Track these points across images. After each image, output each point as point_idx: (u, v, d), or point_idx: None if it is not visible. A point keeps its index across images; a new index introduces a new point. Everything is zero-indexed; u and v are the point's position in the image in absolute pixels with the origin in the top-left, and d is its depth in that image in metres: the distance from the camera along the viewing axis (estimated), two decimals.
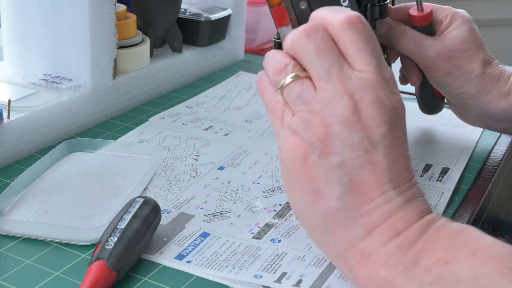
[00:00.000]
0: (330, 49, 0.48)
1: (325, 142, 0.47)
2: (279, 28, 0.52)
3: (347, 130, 0.46)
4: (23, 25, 0.79)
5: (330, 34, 0.48)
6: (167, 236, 0.57)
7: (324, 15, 0.49)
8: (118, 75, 0.82)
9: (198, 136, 0.77)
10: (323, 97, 0.47)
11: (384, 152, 0.47)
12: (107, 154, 0.70)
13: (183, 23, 0.93)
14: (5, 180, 0.66)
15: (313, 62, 0.48)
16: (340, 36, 0.48)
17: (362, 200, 0.47)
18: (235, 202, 0.64)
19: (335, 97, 0.47)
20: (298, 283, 0.52)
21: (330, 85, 0.47)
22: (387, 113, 0.47)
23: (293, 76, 0.48)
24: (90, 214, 0.60)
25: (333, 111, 0.47)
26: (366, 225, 0.47)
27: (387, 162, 0.47)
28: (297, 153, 0.48)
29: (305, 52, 0.48)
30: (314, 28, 0.48)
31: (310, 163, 0.47)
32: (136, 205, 0.55)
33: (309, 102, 0.48)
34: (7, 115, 0.69)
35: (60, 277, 0.52)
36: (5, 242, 0.56)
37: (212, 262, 0.54)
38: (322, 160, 0.47)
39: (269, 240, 0.58)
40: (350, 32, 0.48)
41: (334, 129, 0.47)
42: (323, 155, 0.47)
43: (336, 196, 0.47)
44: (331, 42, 0.48)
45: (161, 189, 0.65)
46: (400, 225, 0.46)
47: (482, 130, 0.81)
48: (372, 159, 0.47)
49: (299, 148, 0.48)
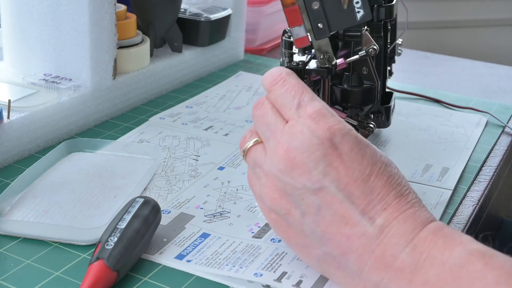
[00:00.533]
0: (267, 114, 0.51)
1: (281, 203, 0.49)
2: (292, 28, 0.52)
3: (290, 183, 0.48)
4: (23, 25, 0.79)
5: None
6: (167, 237, 0.57)
7: (263, 82, 0.52)
8: (118, 75, 0.82)
9: (198, 136, 0.77)
10: (268, 157, 0.50)
11: (334, 186, 0.47)
12: (107, 154, 0.70)
13: (183, 23, 0.93)
14: (5, 180, 0.66)
15: (259, 128, 0.52)
16: (270, 98, 0.51)
17: (340, 239, 0.47)
18: (235, 202, 0.64)
19: (274, 154, 0.49)
20: (298, 283, 0.52)
21: (269, 144, 0.50)
22: (317, 149, 0.47)
23: (253, 142, 0.52)
24: (90, 214, 0.60)
25: (274, 169, 0.49)
26: (357, 262, 0.46)
27: (341, 194, 0.47)
28: (271, 220, 0.51)
29: (255, 122, 0.52)
30: (258, 102, 0.52)
31: (284, 225, 0.50)
32: (136, 205, 0.55)
33: (261, 165, 0.51)
34: (7, 115, 0.69)
35: (60, 277, 0.52)
36: (5, 242, 0.56)
37: (212, 261, 0.54)
38: (289, 219, 0.49)
39: (269, 239, 0.58)
40: (273, 92, 0.51)
41: (281, 186, 0.49)
42: (287, 215, 0.49)
43: (316, 245, 0.48)
44: (271, 108, 0.51)
45: (161, 189, 0.65)
46: (387, 258, 0.45)
47: (482, 130, 0.82)
48: (326, 198, 0.47)
49: (271, 216, 0.51)
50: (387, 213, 0.46)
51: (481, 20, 1.62)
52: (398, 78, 0.93)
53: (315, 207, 0.47)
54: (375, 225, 0.45)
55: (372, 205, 0.46)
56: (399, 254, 0.44)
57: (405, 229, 0.45)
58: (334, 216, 0.47)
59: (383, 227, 0.45)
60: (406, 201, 0.47)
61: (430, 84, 0.99)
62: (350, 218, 0.46)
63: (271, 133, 0.50)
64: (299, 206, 0.48)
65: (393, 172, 0.48)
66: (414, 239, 0.44)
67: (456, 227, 0.62)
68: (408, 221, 0.45)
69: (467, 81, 1.01)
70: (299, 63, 0.53)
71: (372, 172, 0.47)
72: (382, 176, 0.47)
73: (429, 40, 1.62)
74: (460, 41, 1.64)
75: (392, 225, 0.45)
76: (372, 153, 0.48)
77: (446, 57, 1.12)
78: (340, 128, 0.48)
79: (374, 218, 0.46)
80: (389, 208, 0.46)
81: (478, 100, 0.91)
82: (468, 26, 1.63)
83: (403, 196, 0.47)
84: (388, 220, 0.45)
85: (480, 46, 1.64)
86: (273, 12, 1.08)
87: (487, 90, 0.98)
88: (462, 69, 1.06)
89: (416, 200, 0.48)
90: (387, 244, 0.45)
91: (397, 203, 0.46)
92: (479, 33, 1.64)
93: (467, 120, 0.84)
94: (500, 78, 1.02)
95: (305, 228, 0.48)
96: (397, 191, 0.47)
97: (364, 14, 0.50)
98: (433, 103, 0.90)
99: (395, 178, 0.47)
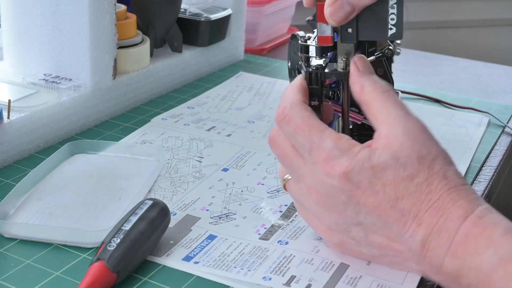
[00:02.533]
0: (287, 155, 0.53)
1: (333, 235, 0.53)
2: (319, 23, 0.51)
3: (333, 221, 0.52)
4: (23, 25, 0.78)
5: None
6: (174, 239, 0.57)
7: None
8: (118, 75, 0.81)
9: (201, 137, 0.76)
10: (304, 197, 0.53)
11: (369, 218, 0.49)
12: (110, 155, 0.70)
13: (183, 23, 0.92)
14: (5, 180, 0.65)
15: (284, 166, 0.54)
16: (284, 133, 0.53)
17: (396, 253, 0.51)
18: (240, 203, 0.63)
19: (308, 196, 0.52)
20: (307, 287, 0.51)
21: (300, 185, 0.53)
22: (341, 194, 0.49)
23: (285, 179, 0.56)
24: (95, 216, 0.59)
25: (314, 209, 0.53)
26: (417, 266, 0.50)
27: (379, 222, 0.49)
28: (333, 246, 0.55)
29: (279, 160, 0.55)
30: (271, 138, 0.54)
31: (345, 249, 0.54)
32: (144, 207, 0.54)
33: (302, 202, 0.54)
34: (7, 115, 0.68)
35: (60, 277, 0.52)
36: (5, 242, 0.55)
37: (220, 263, 0.54)
38: (345, 246, 0.53)
39: (276, 241, 0.57)
40: (283, 129, 0.53)
41: (326, 224, 0.53)
42: (342, 243, 0.53)
43: (380, 258, 0.52)
44: (287, 147, 0.53)
45: (166, 191, 0.64)
46: (435, 267, 0.48)
47: (485, 129, 0.81)
48: (368, 227, 0.50)
49: (331, 243, 0.55)
50: (422, 229, 0.47)
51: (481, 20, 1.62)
52: (398, 78, 0.92)
53: (363, 235, 0.51)
54: (416, 242, 0.48)
55: (408, 225, 0.48)
56: (442, 263, 0.47)
57: (442, 241, 0.47)
58: (381, 238, 0.50)
59: (423, 242, 0.47)
60: (437, 208, 0.47)
61: (430, 84, 0.98)
62: (395, 238, 0.49)
63: (298, 176, 0.52)
64: (349, 236, 0.52)
65: (420, 182, 0.48)
66: (450, 247, 0.47)
67: None
68: (442, 233, 0.47)
69: (467, 81, 1.01)
70: (318, 67, 0.53)
71: (397, 195, 0.48)
72: (409, 195, 0.48)
73: (429, 40, 1.62)
74: (460, 41, 1.64)
75: (430, 239, 0.47)
76: (393, 174, 0.48)
77: (446, 57, 1.12)
78: (353, 167, 0.48)
79: (414, 236, 0.48)
80: (423, 224, 0.47)
81: (478, 100, 0.91)
82: (468, 26, 1.63)
83: (433, 205, 0.48)
84: (425, 235, 0.47)
85: (480, 46, 1.64)
86: (273, 12, 1.07)
87: (487, 90, 0.98)
88: (462, 69, 1.06)
89: (446, 201, 0.47)
90: (431, 257, 0.48)
91: (429, 216, 0.47)
92: (479, 33, 1.64)
93: (468, 120, 0.84)
94: (500, 78, 1.02)
95: (364, 251, 0.52)
96: (427, 202, 0.48)
97: (396, 33, 0.50)
98: (433, 103, 0.90)
99: (423, 189, 0.48)
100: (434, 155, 0.49)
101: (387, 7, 0.49)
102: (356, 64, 0.52)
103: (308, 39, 0.55)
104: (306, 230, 0.59)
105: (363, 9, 0.50)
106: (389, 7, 0.49)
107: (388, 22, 0.49)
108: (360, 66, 0.52)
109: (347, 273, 0.53)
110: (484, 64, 1.08)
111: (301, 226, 0.60)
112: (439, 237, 0.47)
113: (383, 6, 0.49)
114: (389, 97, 0.51)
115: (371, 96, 0.51)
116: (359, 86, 0.51)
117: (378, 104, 0.50)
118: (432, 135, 0.50)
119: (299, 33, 0.56)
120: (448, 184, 0.48)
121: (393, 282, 0.53)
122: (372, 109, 0.51)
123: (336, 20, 0.50)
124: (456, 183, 0.48)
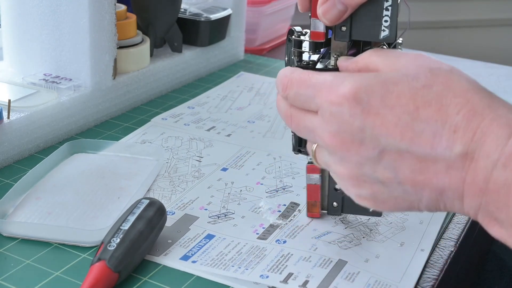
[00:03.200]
0: (301, 121, 0.49)
1: (362, 186, 0.47)
2: (313, 18, 0.51)
3: (355, 165, 0.46)
4: (23, 25, 0.78)
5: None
6: (172, 238, 0.57)
7: (277, 89, 0.51)
8: (118, 75, 0.81)
9: (200, 137, 0.76)
10: (327, 154, 0.48)
11: (390, 141, 0.43)
12: (110, 155, 0.70)
13: (183, 23, 0.93)
14: (5, 180, 0.65)
15: (306, 137, 0.51)
16: (291, 103, 0.50)
17: (430, 183, 0.43)
18: (239, 203, 0.63)
19: (328, 148, 0.47)
20: (304, 284, 0.52)
21: (319, 143, 0.48)
22: (353, 120, 0.44)
23: (313, 148, 0.50)
24: (94, 215, 0.59)
25: (336, 160, 0.47)
26: (455, 195, 0.43)
27: (403, 144, 0.43)
28: (365, 203, 0.48)
29: (300, 135, 0.51)
30: (286, 115, 0.50)
31: (378, 201, 0.47)
32: (141, 207, 0.55)
33: (329, 165, 0.49)
34: (7, 115, 0.68)
35: (60, 277, 0.52)
36: (5, 242, 0.56)
37: (218, 262, 0.54)
38: (377, 195, 0.47)
39: (274, 240, 0.57)
40: (289, 96, 0.49)
41: (352, 173, 0.47)
42: (374, 194, 0.47)
43: (416, 200, 0.45)
44: (299, 114, 0.49)
45: (165, 190, 0.64)
46: (479, 183, 0.41)
47: None
48: (393, 157, 0.44)
49: (362, 201, 0.48)
50: (460, 135, 0.41)
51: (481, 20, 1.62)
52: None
53: (390, 170, 0.44)
54: (456, 154, 0.41)
55: (439, 135, 0.41)
56: (490, 176, 0.40)
57: (488, 149, 0.40)
58: (411, 167, 0.43)
59: (464, 151, 0.41)
60: (473, 111, 0.41)
61: None
62: (426, 159, 0.42)
63: (314, 134, 0.48)
64: (377, 180, 0.45)
65: (439, 89, 0.42)
66: (501, 158, 0.40)
67: (456, 227, 0.62)
68: (488, 139, 0.40)
69: None
70: (309, 63, 0.53)
71: (417, 105, 0.42)
72: (430, 101, 0.42)
73: (429, 40, 1.62)
74: (460, 41, 1.64)
75: (473, 147, 0.41)
76: (407, 86, 0.43)
77: (446, 57, 1.12)
78: (359, 85, 0.44)
79: (451, 146, 0.41)
80: (458, 129, 0.41)
81: None
82: (468, 26, 1.63)
83: (464, 107, 0.41)
84: (467, 142, 0.41)
85: (480, 46, 1.64)
86: (273, 12, 1.07)
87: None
88: (462, 69, 1.05)
89: (480, 105, 0.41)
90: (476, 169, 0.41)
91: (464, 120, 0.41)
92: (479, 33, 1.64)
93: None
94: (500, 78, 1.02)
95: (396, 193, 0.45)
96: (455, 105, 0.41)
97: (389, 35, 0.49)
98: None
99: (445, 94, 0.42)
100: (449, 68, 0.44)
101: (382, 8, 0.49)
102: (341, 56, 0.51)
103: (303, 34, 0.55)
104: (304, 228, 0.59)
105: (359, 9, 0.50)
106: (384, 9, 0.49)
107: (382, 24, 0.49)
108: (345, 56, 0.51)
109: (345, 269, 0.54)
110: (484, 64, 1.08)
111: (299, 225, 0.60)
112: (484, 145, 0.40)
113: (378, 7, 0.49)
114: (381, 50, 0.48)
115: (365, 59, 0.48)
116: (351, 62, 0.49)
117: (375, 59, 0.47)
118: None
119: (296, 28, 0.56)
120: (473, 89, 0.42)
121: (391, 279, 0.53)
122: (371, 67, 0.47)
123: (329, 19, 0.49)
124: (484, 89, 0.42)
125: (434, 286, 0.54)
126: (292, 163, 0.71)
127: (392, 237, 0.59)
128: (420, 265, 0.55)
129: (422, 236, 0.59)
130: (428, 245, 0.58)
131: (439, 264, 0.56)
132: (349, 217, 0.61)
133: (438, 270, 0.55)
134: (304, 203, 0.63)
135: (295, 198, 0.64)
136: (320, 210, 0.60)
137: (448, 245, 0.59)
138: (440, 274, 0.55)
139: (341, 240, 0.58)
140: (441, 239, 0.60)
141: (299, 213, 0.62)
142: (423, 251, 0.57)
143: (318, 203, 0.60)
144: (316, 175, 0.58)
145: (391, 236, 0.59)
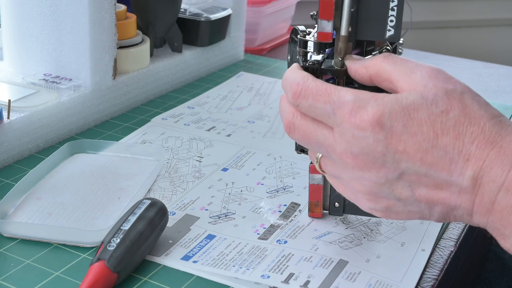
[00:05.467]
0: (310, 134, 0.50)
1: (377, 201, 0.49)
2: (320, 19, 0.51)
3: (374, 183, 0.48)
4: (23, 25, 0.78)
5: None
6: (173, 238, 0.57)
7: (285, 90, 0.51)
8: (118, 75, 0.81)
9: (200, 137, 0.76)
10: (341, 167, 0.50)
11: (411, 166, 0.46)
12: (110, 155, 0.70)
13: (183, 23, 0.93)
14: (5, 180, 0.65)
15: (311, 148, 0.52)
16: (302, 110, 0.50)
17: (443, 202, 0.47)
18: (239, 203, 0.63)
19: (345, 165, 0.49)
20: (305, 284, 0.52)
21: (332, 157, 0.49)
22: (377, 145, 0.46)
23: (318, 159, 0.52)
24: (94, 216, 0.59)
25: (354, 176, 0.49)
26: (465, 212, 0.47)
27: (423, 169, 0.46)
28: (380, 215, 0.51)
29: (304, 145, 0.52)
30: (288, 125, 0.51)
31: (392, 215, 0.50)
32: (142, 207, 0.55)
33: (340, 176, 0.50)
34: (7, 115, 0.68)
35: (60, 277, 0.52)
36: (5, 242, 0.56)
37: (219, 262, 0.54)
38: (392, 209, 0.49)
39: (275, 241, 0.57)
40: (301, 105, 0.49)
41: (368, 189, 0.49)
42: (389, 208, 0.49)
43: (429, 213, 0.48)
44: (308, 125, 0.50)
45: (165, 191, 0.64)
46: (486, 204, 0.45)
47: None
48: (411, 178, 0.47)
49: (377, 214, 0.51)
50: (472, 163, 0.45)
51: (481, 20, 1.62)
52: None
53: (408, 189, 0.47)
54: (467, 178, 0.45)
55: (454, 162, 0.45)
56: (495, 199, 0.45)
57: (494, 175, 0.44)
58: (427, 188, 0.47)
59: (474, 177, 0.45)
60: (484, 140, 0.45)
61: None
62: (442, 183, 0.46)
63: (327, 149, 0.49)
64: (394, 196, 0.48)
65: (456, 114, 0.45)
66: (505, 182, 0.44)
67: (456, 227, 0.62)
68: (495, 166, 0.44)
69: (467, 81, 0.99)
70: (314, 63, 0.53)
71: (436, 132, 0.45)
72: (448, 129, 0.45)
73: (429, 40, 1.62)
74: (460, 41, 1.64)
75: (482, 174, 0.45)
76: (426, 113, 0.46)
77: (446, 57, 1.12)
78: (382, 112, 0.46)
79: (464, 173, 0.45)
80: (471, 158, 0.45)
81: None
82: (468, 26, 1.63)
83: (478, 136, 0.45)
84: (476, 169, 0.45)
85: (480, 46, 1.64)
86: (273, 12, 1.07)
87: (487, 90, 0.98)
88: (462, 69, 1.06)
89: (492, 133, 0.45)
90: (483, 193, 0.45)
91: (477, 149, 0.45)
92: (479, 33, 1.64)
93: None
94: (500, 78, 1.02)
95: (411, 208, 0.48)
96: (470, 134, 0.45)
97: (394, 34, 0.50)
98: None
99: (462, 121, 0.45)
100: (461, 89, 0.46)
101: (388, 8, 0.49)
102: (350, 56, 0.52)
103: (308, 34, 0.55)
104: (305, 229, 0.59)
105: (363, 9, 0.50)
106: (390, 9, 0.49)
107: (387, 23, 0.49)
108: (354, 57, 0.52)
109: (346, 269, 0.54)
110: (484, 64, 1.08)
111: (300, 225, 0.60)
112: (491, 172, 0.44)
113: (383, 7, 0.49)
114: (394, 58, 0.49)
115: (377, 65, 0.49)
116: (361, 66, 0.50)
117: (387, 68, 0.49)
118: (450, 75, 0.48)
119: (300, 28, 0.56)
120: (485, 115, 0.45)
121: (392, 279, 0.53)
122: (383, 75, 0.49)
123: None
124: (494, 114, 0.46)
125: (434, 286, 0.54)
126: (293, 163, 0.71)
127: (393, 237, 0.59)
128: (421, 265, 0.55)
129: (423, 236, 0.59)
130: (429, 245, 0.58)
131: (439, 264, 0.56)
132: (350, 217, 0.61)
133: (438, 270, 0.56)
134: (305, 203, 0.63)
135: (296, 198, 0.64)
136: (321, 210, 0.60)
137: (448, 245, 0.59)
138: (440, 274, 0.55)
139: (342, 240, 0.58)
140: (441, 239, 0.60)
141: (300, 213, 0.62)
142: (424, 251, 0.57)
143: (320, 203, 0.60)
144: (319, 176, 0.59)
145: (392, 236, 0.59)
